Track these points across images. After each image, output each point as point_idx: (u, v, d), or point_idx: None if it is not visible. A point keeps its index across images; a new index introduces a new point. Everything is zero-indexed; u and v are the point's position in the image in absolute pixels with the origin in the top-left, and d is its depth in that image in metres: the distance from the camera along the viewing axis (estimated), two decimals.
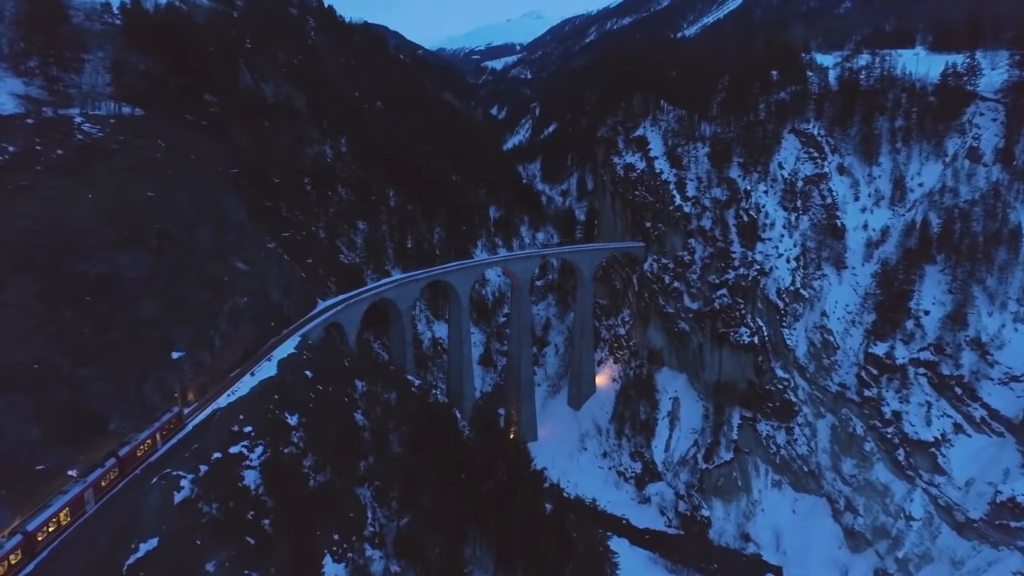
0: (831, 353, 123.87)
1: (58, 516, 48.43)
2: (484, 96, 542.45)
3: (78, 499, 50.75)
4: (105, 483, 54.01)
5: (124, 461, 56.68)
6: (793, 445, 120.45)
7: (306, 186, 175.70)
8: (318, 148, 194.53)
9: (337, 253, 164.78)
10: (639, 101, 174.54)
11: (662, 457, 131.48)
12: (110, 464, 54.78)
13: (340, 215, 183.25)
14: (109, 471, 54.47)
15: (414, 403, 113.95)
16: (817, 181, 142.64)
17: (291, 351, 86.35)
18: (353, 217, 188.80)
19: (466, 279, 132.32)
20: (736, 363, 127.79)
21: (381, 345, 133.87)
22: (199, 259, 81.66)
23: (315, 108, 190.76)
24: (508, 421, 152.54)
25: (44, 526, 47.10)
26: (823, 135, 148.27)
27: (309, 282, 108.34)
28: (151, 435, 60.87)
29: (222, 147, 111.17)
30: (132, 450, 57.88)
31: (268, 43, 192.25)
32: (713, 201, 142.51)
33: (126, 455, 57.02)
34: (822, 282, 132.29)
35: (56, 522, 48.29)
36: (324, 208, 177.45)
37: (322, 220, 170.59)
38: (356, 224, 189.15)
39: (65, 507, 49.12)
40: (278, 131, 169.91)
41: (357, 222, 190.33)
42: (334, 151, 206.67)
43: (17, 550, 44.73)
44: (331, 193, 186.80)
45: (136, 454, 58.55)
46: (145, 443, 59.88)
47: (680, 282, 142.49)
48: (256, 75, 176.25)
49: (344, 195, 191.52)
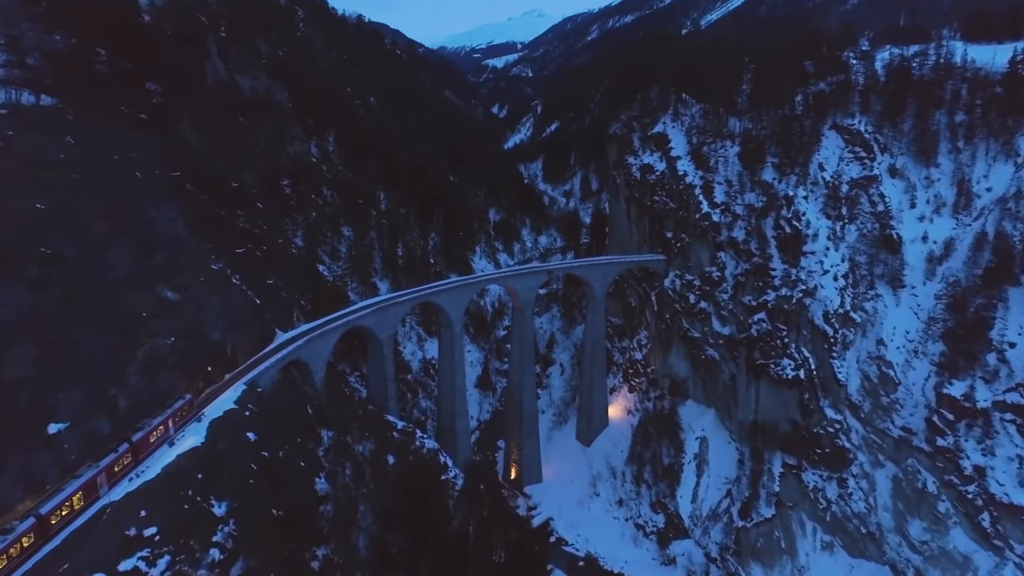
0: (891, 389, 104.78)
1: (71, 500, 48.19)
2: (485, 94, 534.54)
3: (91, 483, 50.43)
4: (118, 468, 53.58)
5: (137, 447, 55.85)
6: (847, 500, 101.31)
7: (284, 188, 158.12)
8: (301, 146, 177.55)
9: (316, 263, 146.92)
10: (657, 94, 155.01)
11: (688, 509, 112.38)
12: (123, 449, 54.21)
13: (323, 220, 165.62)
14: (122, 456, 53.98)
15: (395, 452, 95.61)
16: (865, 185, 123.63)
17: (230, 406, 67.41)
18: (337, 222, 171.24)
19: (459, 300, 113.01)
20: (777, 400, 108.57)
21: (359, 378, 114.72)
22: (106, 290, 62.48)
23: (300, 103, 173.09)
24: (508, 459, 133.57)
25: (57, 510, 46.90)
26: (870, 132, 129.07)
27: (267, 309, 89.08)
28: (164, 421, 59.97)
29: (164, 145, 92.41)
30: (145, 436, 56.98)
31: (249, 32, 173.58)
32: (747, 208, 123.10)
33: (139, 440, 56.07)
34: (876, 303, 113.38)
35: (69, 506, 48.10)
36: (305, 213, 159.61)
37: (301, 227, 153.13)
38: (341, 230, 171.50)
39: (78, 491, 49.01)
40: (255, 128, 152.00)
41: (342, 228, 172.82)
42: (320, 150, 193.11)
43: (30, 533, 44.59)
44: (314, 196, 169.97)
45: (149, 440, 57.61)
46: (158, 429, 58.95)
47: (708, 302, 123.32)
48: (231, 66, 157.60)
49: (329, 197, 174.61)
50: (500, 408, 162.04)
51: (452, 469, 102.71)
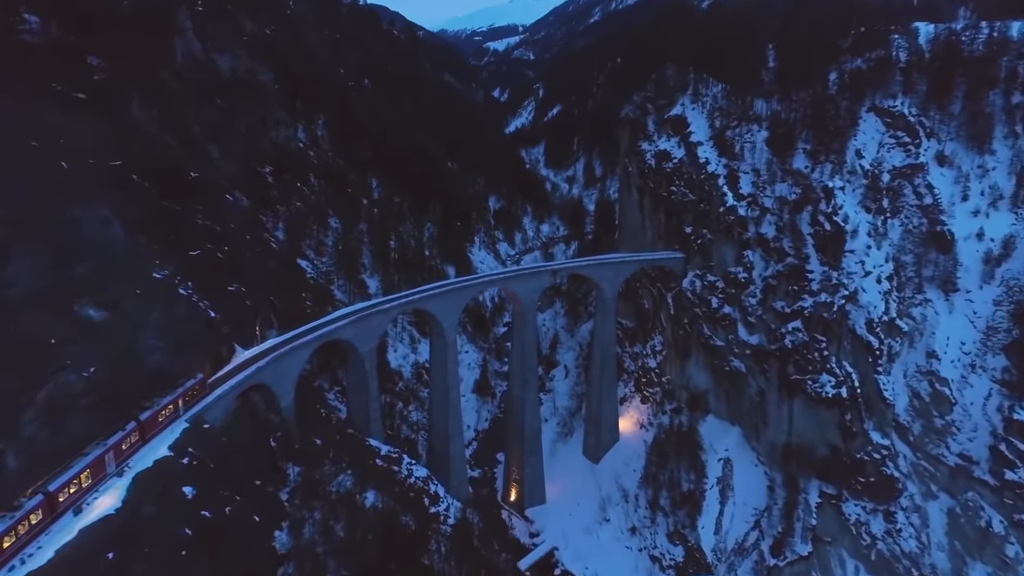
0: (945, 410, 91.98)
1: (79, 478, 47.05)
2: (486, 78, 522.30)
3: (99, 461, 49.24)
4: (126, 446, 52.49)
5: (144, 425, 54.67)
6: (895, 537, 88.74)
7: (265, 177, 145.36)
8: (286, 131, 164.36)
9: (298, 259, 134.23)
10: (674, 72, 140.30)
11: (711, 541, 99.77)
12: (131, 428, 53.18)
13: (308, 211, 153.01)
14: (130, 435, 52.96)
15: (378, 484, 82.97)
16: (909, 174, 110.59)
17: (162, 454, 54.45)
18: (324, 213, 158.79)
19: (453, 306, 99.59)
20: (814, 421, 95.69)
21: (339, 395, 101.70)
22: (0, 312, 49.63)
23: (288, 85, 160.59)
24: (507, 478, 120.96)
25: (65, 487, 45.71)
26: (915, 114, 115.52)
27: (226, 322, 76.00)
28: (173, 401, 58.82)
29: (106, 130, 78.91)
30: (153, 415, 55.86)
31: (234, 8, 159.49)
32: (778, 201, 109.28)
33: (147, 419, 54.94)
34: (924, 310, 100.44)
35: (77, 483, 46.93)
36: (288, 203, 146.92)
37: (283, 218, 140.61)
38: (328, 222, 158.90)
39: (86, 469, 47.79)
40: (234, 111, 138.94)
41: (329, 219, 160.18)
42: (308, 135, 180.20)
43: (38, 510, 43.28)
44: (299, 184, 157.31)
45: (157, 419, 56.36)
46: (167, 408, 57.82)
47: (733, 307, 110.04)
48: (208, 44, 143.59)
49: (317, 186, 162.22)
50: (500, 415, 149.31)
51: (444, 500, 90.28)
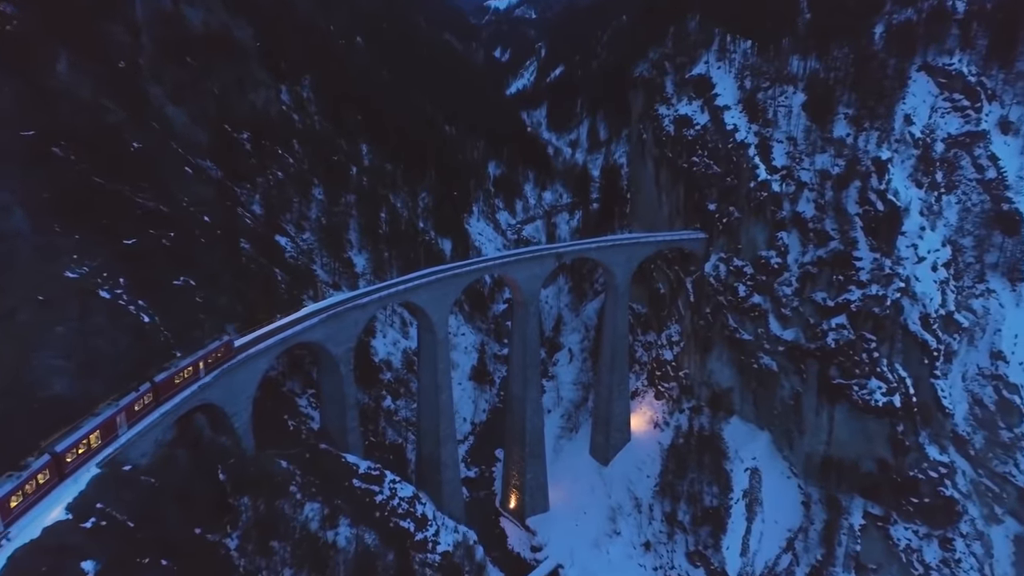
0: (1013, 421, 79.84)
1: (88, 439, 44.97)
2: (486, 38, 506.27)
3: (110, 422, 47.13)
4: (139, 408, 49.95)
5: (159, 388, 51.94)
6: (954, 568, 77.28)
7: (243, 144, 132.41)
8: (267, 93, 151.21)
9: (275, 235, 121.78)
10: (697, 25, 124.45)
11: (737, 564, 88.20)
12: (144, 389, 50.72)
13: (290, 181, 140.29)
14: (143, 396, 50.40)
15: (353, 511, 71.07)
16: (968, 143, 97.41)
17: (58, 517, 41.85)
18: (308, 183, 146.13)
19: (443, 297, 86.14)
20: (859, 431, 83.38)
21: (312, 400, 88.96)
22: None
23: (269, 43, 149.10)
24: (507, 483, 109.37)
25: (74, 448, 43.76)
26: (974, 74, 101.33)
27: (167, 326, 62.90)
28: (193, 363, 55.75)
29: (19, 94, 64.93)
30: (169, 377, 53.11)
31: None
32: (818, 175, 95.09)
33: (162, 382, 52.25)
34: (987, 302, 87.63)
35: (87, 444, 44.94)
36: (267, 173, 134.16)
37: (260, 189, 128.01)
38: (311, 192, 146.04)
39: (96, 430, 45.71)
40: (206, 70, 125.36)
41: (313, 189, 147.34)
42: (293, 97, 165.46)
43: (45, 470, 41.51)
44: (281, 151, 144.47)
45: (174, 381, 53.58)
46: (186, 370, 54.85)
47: (764, 296, 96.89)
48: None
49: (301, 153, 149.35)
50: (499, 405, 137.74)
51: (433, 523, 78.65)
